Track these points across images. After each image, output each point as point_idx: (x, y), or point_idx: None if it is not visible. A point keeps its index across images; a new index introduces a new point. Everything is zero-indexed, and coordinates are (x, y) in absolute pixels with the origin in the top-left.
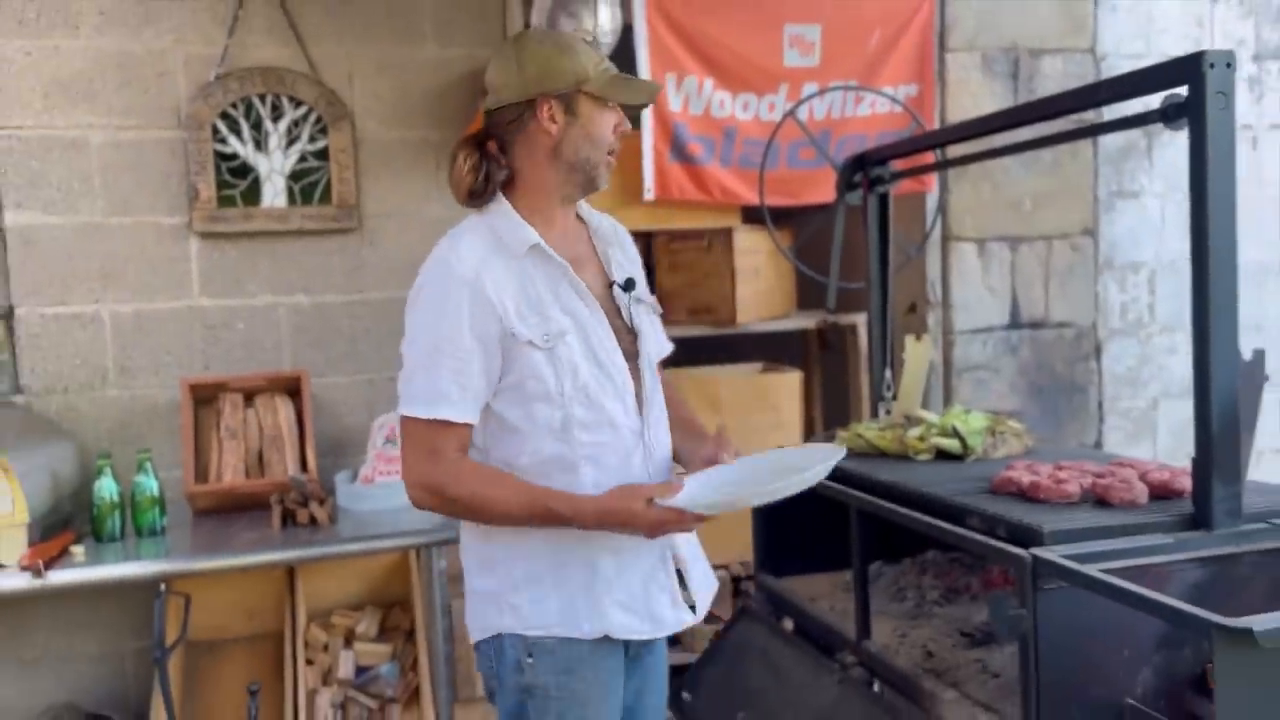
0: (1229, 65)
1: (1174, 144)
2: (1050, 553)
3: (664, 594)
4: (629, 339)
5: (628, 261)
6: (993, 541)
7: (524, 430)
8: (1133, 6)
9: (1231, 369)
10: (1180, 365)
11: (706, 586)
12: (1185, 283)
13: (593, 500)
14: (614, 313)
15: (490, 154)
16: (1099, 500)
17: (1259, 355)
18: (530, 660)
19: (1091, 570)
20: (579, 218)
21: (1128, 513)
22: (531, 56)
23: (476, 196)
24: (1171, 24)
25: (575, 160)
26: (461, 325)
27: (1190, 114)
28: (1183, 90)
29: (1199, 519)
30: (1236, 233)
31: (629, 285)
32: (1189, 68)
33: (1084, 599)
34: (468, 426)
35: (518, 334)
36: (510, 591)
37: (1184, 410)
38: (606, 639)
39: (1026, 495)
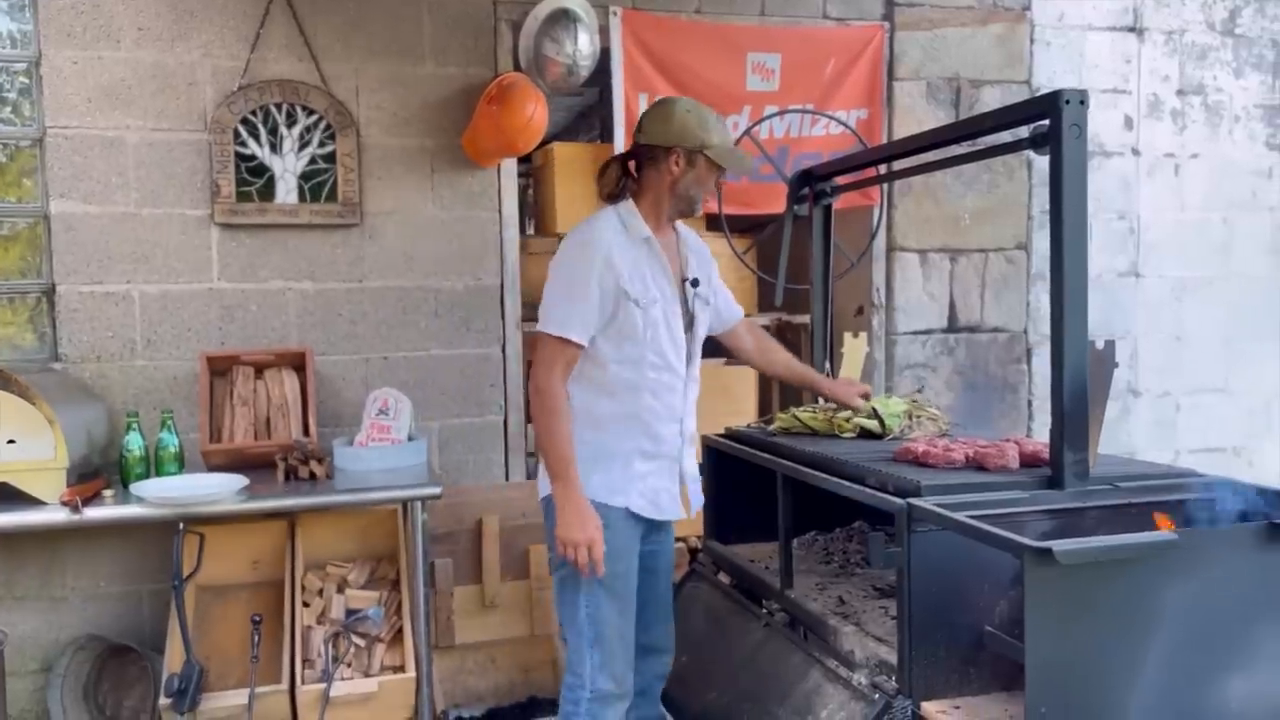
0: (1082, 102)
1: (1102, 169)
2: (923, 502)
3: (670, 496)
4: (687, 318)
5: (700, 265)
6: (879, 494)
7: (614, 357)
8: (1066, 44)
9: (1081, 357)
10: None
11: (698, 498)
12: (1109, 295)
13: (578, 492)
14: (683, 299)
15: (629, 171)
16: (978, 466)
17: (1109, 345)
18: None
19: (950, 513)
20: (674, 227)
21: (999, 475)
22: (678, 118)
23: (612, 198)
24: (1102, 60)
25: (684, 194)
26: (591, 279)
27: (1051, 142)
28: (1047, 122)
29: (1053, 480)
30: (1087, 240)
31: (695, 283)
32: (1050, 103)
33: (951, 541)
34: (580, 347)
35: (628, 292)
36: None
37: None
38: (628, 511)
39: (919, 462)
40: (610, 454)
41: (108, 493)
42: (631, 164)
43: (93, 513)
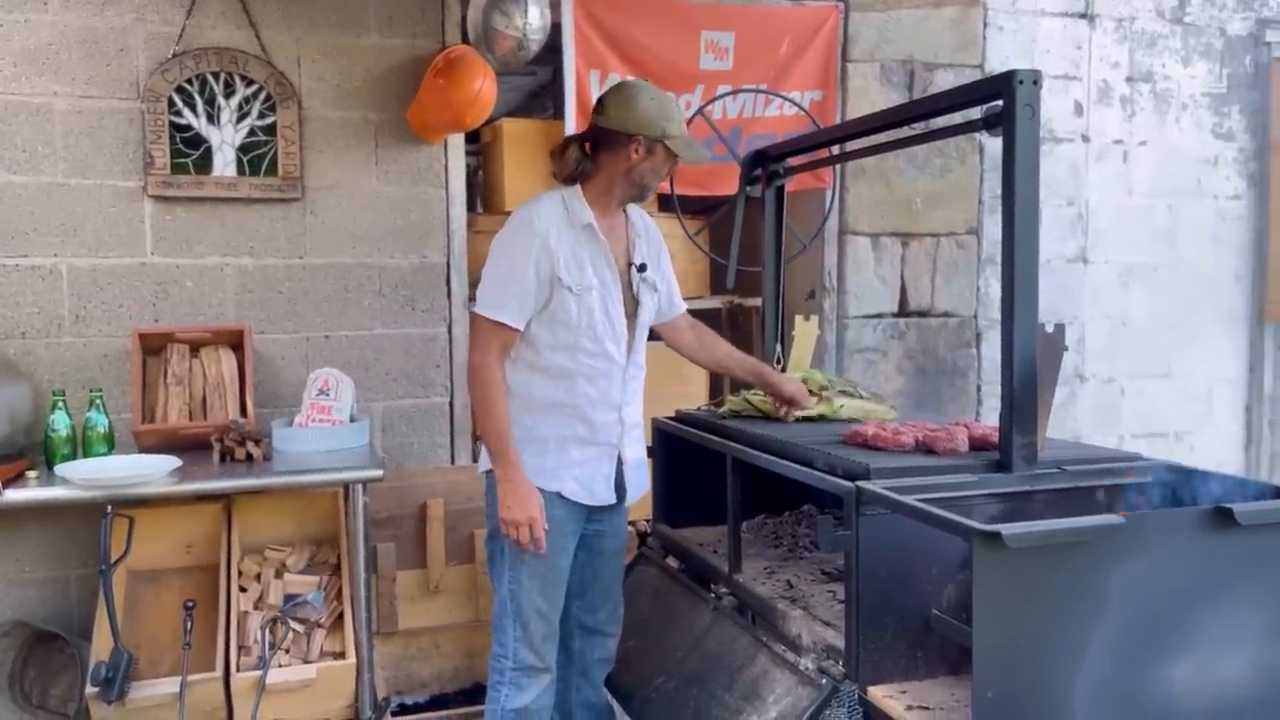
0: (1035, 83)
1: (1052, 155)
2: (872, 485)
3: (604, 482)
4: (632, 305)
5: (649, 249)
6: (828, 476)
7: (548, 343)
8: (1019, 28)
9: (1031, 341)
10: None
11: (637, 486)
12: (1057, 279)
13: (518, 472)
14: (627, 285)
15: (586, 152)
16: (927, 449)
17: (1059, 328)
18: None
19: (899, 496)
20: (625, 211)
21: (948, 458)
22: (642, 105)
23: (569, 180)
24: (1054, 45)
25: (638, 181)
26: (528, 264)
27: (1004, 122)
28: (1000, 103)
29: (1002, 464)
30: (1039, 222)
31: (642, 268)
32: (1003, 84)
33: (900, 525)
34: (515, 331)
35: (561, 279)
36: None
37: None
38: (560, 495)
39: (869, 445)
40: (544, 439)
41: (31, 474)
42: (587, 145)
43: (15, 495)
